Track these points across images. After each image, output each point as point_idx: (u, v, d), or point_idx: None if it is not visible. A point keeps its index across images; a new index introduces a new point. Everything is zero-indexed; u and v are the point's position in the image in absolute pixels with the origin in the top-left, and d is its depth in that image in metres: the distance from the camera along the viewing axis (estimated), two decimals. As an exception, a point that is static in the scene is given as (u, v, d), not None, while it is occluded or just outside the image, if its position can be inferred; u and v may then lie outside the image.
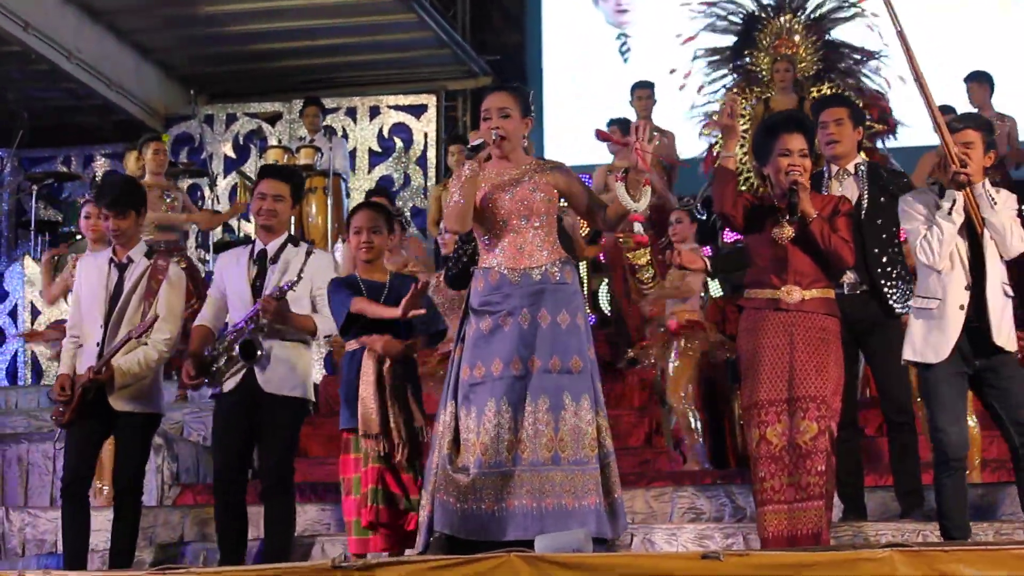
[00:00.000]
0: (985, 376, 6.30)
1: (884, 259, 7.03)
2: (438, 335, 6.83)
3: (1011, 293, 6.32)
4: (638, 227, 10.14)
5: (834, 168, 7.19)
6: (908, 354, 6.40)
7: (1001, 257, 6.27)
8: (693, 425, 9.07)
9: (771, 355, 6.32)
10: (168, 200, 11.18)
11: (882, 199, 7.07)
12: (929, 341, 6.29)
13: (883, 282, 7.02)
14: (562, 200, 6.31)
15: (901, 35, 6.46)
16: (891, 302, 7.01)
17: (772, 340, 6.32)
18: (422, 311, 6.46)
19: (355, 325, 6.62)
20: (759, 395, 6.32)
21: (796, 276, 6.34)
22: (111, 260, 7.34)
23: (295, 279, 6.86)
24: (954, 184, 6.22)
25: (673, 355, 9.11)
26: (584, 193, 6.32)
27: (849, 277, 6.96)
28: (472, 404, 5.97)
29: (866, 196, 7.09)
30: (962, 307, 6.20)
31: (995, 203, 6.16)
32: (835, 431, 6.29)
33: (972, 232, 6.27)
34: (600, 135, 11.08)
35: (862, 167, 7.19)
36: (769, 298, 6.38)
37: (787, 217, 6.37)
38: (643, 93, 12.45)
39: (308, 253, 7.14)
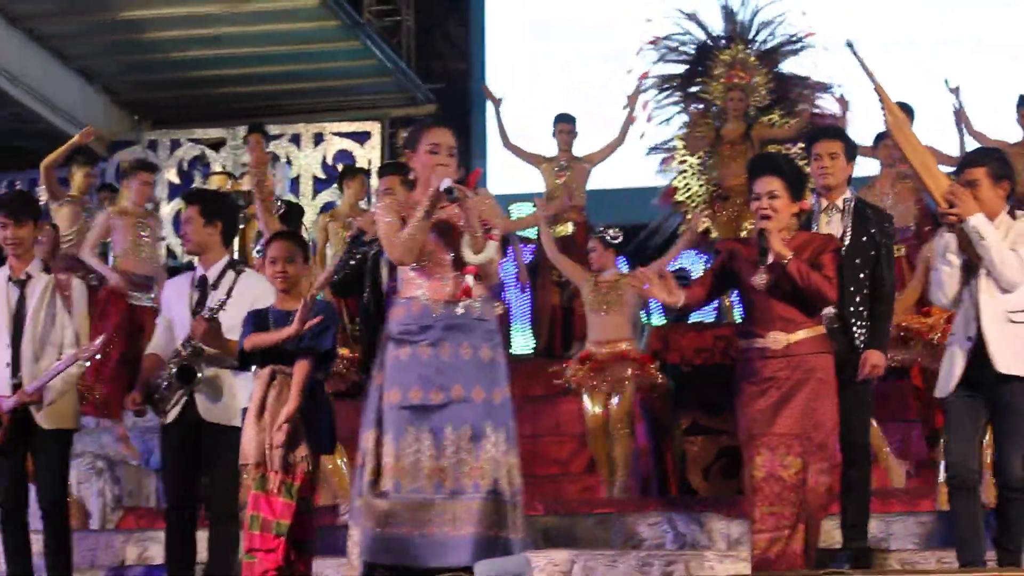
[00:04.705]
0: (992, 402, 6.25)
1: (858, 299, 6.97)
2: (327, 356, 6.60)
3: None
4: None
5: (823, 202, 7.15)
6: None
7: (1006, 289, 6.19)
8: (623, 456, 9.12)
9: (758, 398, 6.35)
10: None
11: (863, 239, 7.04)
12: (942, 374, 6.36)
13: (854, 320, 6.97)
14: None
15: (878, 89, 6.48)
16: (856, 340, 6.96)
17: (760, 386, 6.35)
18: (316, 320, 6.39)
19: (257, 357, 6.56)
20: (743, 432, 6.41)
21: (780, 322, 6.37)
22: (8, 278, 7.23)
23: (223, 299, 6.82)
24: (946, 226, 6.24)
25: (607, 386, 9.14)
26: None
27: (828, 311, 6.83)
28: (392, 429, 5.92)
29: (849, 234, 7.04)
30: (970, 338, 6.20)
31: (983, 238, 6.07)
32: (827, 467, 6.34)
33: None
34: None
35: (850, 203, 7.13)
36: (757, 347, 6.41)
37: (763, 263, 6.36)
38: (564, 127, 12.35)
39: (238, 273, 7.09)
